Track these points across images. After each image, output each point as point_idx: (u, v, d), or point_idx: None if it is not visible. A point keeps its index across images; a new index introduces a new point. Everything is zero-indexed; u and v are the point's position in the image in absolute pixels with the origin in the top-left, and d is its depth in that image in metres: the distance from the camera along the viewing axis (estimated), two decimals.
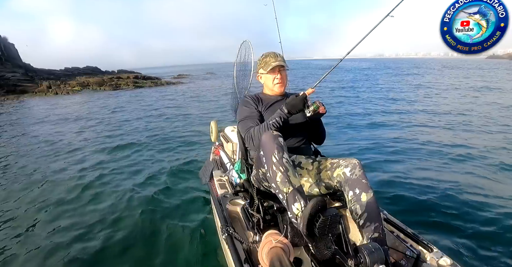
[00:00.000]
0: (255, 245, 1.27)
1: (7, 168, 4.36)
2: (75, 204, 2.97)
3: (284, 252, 1.06)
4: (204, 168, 2.60)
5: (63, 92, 17.73)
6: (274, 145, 1.25)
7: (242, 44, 2.52)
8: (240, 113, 1.62)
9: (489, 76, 20.13)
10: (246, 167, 1.67)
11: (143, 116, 8.58)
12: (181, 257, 2.06)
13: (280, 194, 1.21)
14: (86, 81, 21.21)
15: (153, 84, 21.34)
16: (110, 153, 4.79)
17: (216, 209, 1.77)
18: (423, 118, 6.81)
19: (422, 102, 9.19)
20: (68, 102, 13.39)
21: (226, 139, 2.67)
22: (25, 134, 6.90)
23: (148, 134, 6.07)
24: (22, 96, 16.49)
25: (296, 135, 1.61)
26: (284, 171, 1.21)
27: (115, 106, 11.02)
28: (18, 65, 24.93)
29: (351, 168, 1.32)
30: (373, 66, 42.01)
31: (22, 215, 2.82)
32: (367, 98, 10.40)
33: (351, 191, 1.30)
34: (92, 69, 32.29)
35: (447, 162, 3.81)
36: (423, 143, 4.74)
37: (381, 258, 1.07)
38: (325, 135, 1.71)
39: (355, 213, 1.27)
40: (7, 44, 26.43)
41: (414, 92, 12.05)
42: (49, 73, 27.53)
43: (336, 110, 7.97)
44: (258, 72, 1.68)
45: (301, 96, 1.42)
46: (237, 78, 2.68)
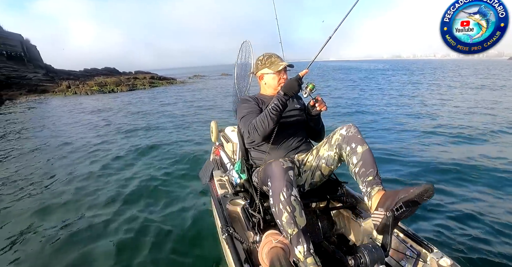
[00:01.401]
0: (255, 245, 1.27)
1: (31, 160, 4.62)
2: (70, 201, 2.97)
3: (284, 252, 1.06)
4: (204, 168, 2.60)
5: (81, 92, 18.34)
6: (284, 182, 1.23)
7: (242, 45, 2.51)
8: (240, 111, 1.61)
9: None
10: (246, 167, 1.67)
11: (152, 114, 8.84)
12: (181, 256, 2.07)
13: (284, 233, 1.22)
14: (104, 82, 21.80)
15: (168, 84, 22.07)
16: (110, 153, 4.80)
17: (216, 209, 1.77)
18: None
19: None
20: (85, 101, 13.86)
21: (226, 139, 2.67)
22: (42, 130, 7.31)
23: (149, 134, 6.10)
24: (43, 96, 17.08)
25: (296, 134, 1.61)
26: (291, 211, 1.21)
27: (129, 104, 11.53)
28: (39, 66, 26.64)
29: (347, 128, 1.39)
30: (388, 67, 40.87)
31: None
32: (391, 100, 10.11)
33: (348, 147, 1.35)
34: (110, 70, 33.42)
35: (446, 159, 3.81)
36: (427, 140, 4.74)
37: (381, 258, 1.07)
38: (324, 131, 1.72)
39: (352, 163, 1.32)
40: (29, 46, 27.67)
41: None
42: (69, 74, 28.78)
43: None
44: (261, 72, 1.65)
45: (295, 77, 1.42)
46: (238, 79, 2.68)
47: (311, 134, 1.72)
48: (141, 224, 2.51)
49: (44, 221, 2.69)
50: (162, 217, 2.60)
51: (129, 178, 3.62)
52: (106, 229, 2.46)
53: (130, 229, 2.45)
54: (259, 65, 1.65)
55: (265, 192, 1.47)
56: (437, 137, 5.16)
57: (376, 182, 1.25)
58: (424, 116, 7.02)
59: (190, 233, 2.33)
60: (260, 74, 1.66)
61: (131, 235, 2.35)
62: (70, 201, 3.06)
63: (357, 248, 1.11)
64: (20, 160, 4.77)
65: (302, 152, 1.59)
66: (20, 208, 2.99)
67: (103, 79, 23.10)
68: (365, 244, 1.13)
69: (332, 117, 7.14)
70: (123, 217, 2.65)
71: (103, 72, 31.97)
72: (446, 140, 4.96)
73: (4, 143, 6.07)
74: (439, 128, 5.72)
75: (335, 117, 7.12)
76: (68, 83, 20.33)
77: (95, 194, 3.19)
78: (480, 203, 2.72)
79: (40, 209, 2.91)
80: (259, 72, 1.66)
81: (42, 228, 2.56)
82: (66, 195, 3.21)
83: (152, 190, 3.20)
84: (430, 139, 5.03)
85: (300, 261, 1.17)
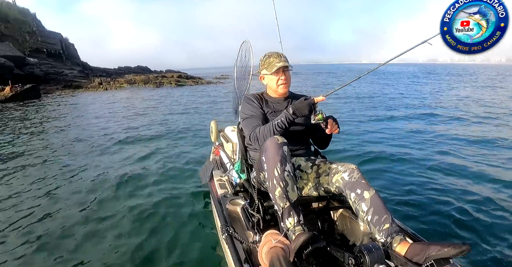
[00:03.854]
0: (255, 245, 1.27)
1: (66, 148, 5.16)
2: (65, 199, 2.97)
3: (284, 252, 1.06)
4: (204, 168, 2.60)
5: (112, 88, 19.33)
6: (278, 157, 1.24)
7: (242, 45, 2.50)
8: (243, 111, 1.60)
9: None
10: (246, 167, 1.67)
11: (165, 109, 9.53)
12: (181, 256, 2.06)
13: (276, 206, 1.26)
14: (133, 79, 23.08)
15: (194, 83, 22.85)
16: (110, 151, 4.80)
17: (216, 209, 1.77)
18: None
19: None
20: (114, 96, 15.02)
21: (226, 138, 2.67)
22: (75, 121, 8.19)
23: (156, 129, 6.22)
24: (76, 91, 18.23)
25: (299, 140, 1.60)
26: (284, 186, 1.23)
27: (152, 100, 12.60)
28: (76, 63, 28.73)
29: (349, 172, 1.33)
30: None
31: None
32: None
33: (352, 193, 1.29)
34: (142, 69, 34.99)
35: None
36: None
37: (381, 258, 1.07)
38: (330, 141, 1.67)
39: (362, 211, 1.26)
40: (68, 44, 30.07)
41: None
42: (103, 71, 30.25)
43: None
44: (261, 73, 1.63)
45: (309, 101, 1.35)
46: (237, 79, 2.68)
47: (316, 141, 1.70)
48: (139, 223, 2.50)
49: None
50: (161, 217, 2.60)
51: (127, 177, 3.62)
52: (100, 229, 2.45)
53: (127, 228, 2.44)
54: (260, 65, 1.64)
55: (266, 190, 1.47)
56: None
57: (395, 230, 1.18)
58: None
59: (190, 233, 2.32)
60: (261, 75, 1.64)
61: (128, 234, 2.35)
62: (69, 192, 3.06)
63: (357, 247, 1.11)
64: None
65: (301, 156, 1.58)
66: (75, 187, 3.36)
67: (133, 77, 24.58)
68: (365, 243, 1.13)
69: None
70: (119, 216, 2.64)
71: (135, 70, 33.55)
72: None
73: (40, 129, 7.02)
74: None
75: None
76: (100, 80, 21.40)
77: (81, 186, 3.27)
78: (481, 203, 2.70)
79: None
80: (261, 73, 1.64)
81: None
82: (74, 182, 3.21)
83: (151, 189, 3.19)
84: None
85: (289, 230, 1.22)
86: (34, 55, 22.71)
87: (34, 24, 26.63)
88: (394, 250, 1.14)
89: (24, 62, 20.04)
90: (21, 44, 23.06)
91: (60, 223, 2.56)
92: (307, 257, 1.15)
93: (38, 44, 24.83)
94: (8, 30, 23.16)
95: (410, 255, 1.09)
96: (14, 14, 25.57)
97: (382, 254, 1.08)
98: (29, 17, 27.72)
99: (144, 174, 3.71)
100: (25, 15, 27.25)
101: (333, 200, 1.68)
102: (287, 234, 1.22)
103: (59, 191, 3.28)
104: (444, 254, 1.01)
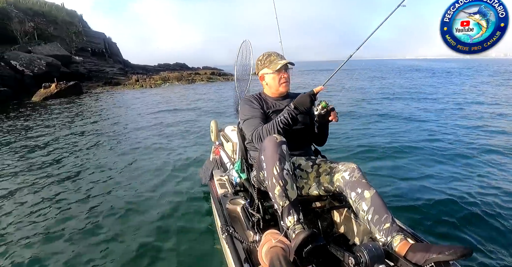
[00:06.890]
0: (255, 245, 1.27)
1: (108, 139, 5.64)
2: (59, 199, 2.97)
3: (284, 252, 1.06)
4: (204, 167, 2.60)
5: (147, 86, 20.04)
6: (277, 155, 1.25)
7: (242, 44, 2.50)
8: (243, 112, 1.59)
9: None
10: (246, 167, 1.67)
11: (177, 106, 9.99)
12: (181, 256, 2.06)
13: (276, 205, 1.27)
14: (167, 76, 23.84)
15: (224, 80, 23.79)
16: (112, 150, 4.80)
17: (216, 208, 1.77)
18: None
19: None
20: (145, 93, 15.86)
21: (226, 138, 2.67)
22: (111, 114, 8.95)
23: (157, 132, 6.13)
24: (115, 88, 19.21)
25: (299, 139, 1.60)
26: (283, 184, 1.24)
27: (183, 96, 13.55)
28: (118, 61, 30.74)
29: (350, 171, 1.33)
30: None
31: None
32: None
33: (353, 192, 1.29)
34: (180, 66, 36.85)
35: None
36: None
37: (381, 258, 1.07)
38: (327, 138, 1.70)
39: (362, 210, 1.26)
40: (110, 43, 32.55)
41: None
42: (143, 68, 32.10)
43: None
44: (261, 72, 1.62)
45: (309, 92, 1.38)
46: (238, 80, 2.68)
47: (314, 138, 1.71)
48: (138, 223, 2.50)
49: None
50: (161, 217, 2.59)
51: (127, 176, 3.62)
52: (99, 229, 2.45)
53: (126, 228, 2.44)
54: (259, 65, 1.62)
55: (266, 189, 1.47)
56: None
57: (395, 229, 1.18)
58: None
59: (189, 233, 2.32)
60: (261, 75, 1.63)
61: (127, 234, 2.34)
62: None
63: (357, 247, 1.11)
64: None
65: (301, 155, 1.58)
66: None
67: (167, 74, 25.60)
68: (365, 243, 1.12)
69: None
70: (119, 216, 2.64)
71: (174, 67, 35.15)
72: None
73: (78, 121, 7.82)
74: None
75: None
76: (137, 77, 22.28)
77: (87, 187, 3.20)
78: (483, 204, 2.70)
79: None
80: (260, 73, 1.63)
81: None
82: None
83: (151, 189, 3.19)
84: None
85: (289, 228, 1.22)
86: (79, 54, 24.20)
87: (80, 25, 28.46)
88: (394, 250, 1.14)
89: (70, 60, 21.19)
90: (68, 44, 24.50)
91: (50, 223, 2.56)
92: (307, 255, 1.15)
93: (84, 43, 26.55)
94: (57, 31, 24.61)
95: (410, 255, 1.09)
96: (62, 16, 27.38)
97: (382, 254, 1.08)
98: (76, 18, 29.67)
99: (143, 173, 3.71)
100: (72, 17, 29.08)
101: (334, 200, 1.68)
102: (287, 233, 1.23)
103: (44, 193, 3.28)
104: (445, 258, 1.01)
